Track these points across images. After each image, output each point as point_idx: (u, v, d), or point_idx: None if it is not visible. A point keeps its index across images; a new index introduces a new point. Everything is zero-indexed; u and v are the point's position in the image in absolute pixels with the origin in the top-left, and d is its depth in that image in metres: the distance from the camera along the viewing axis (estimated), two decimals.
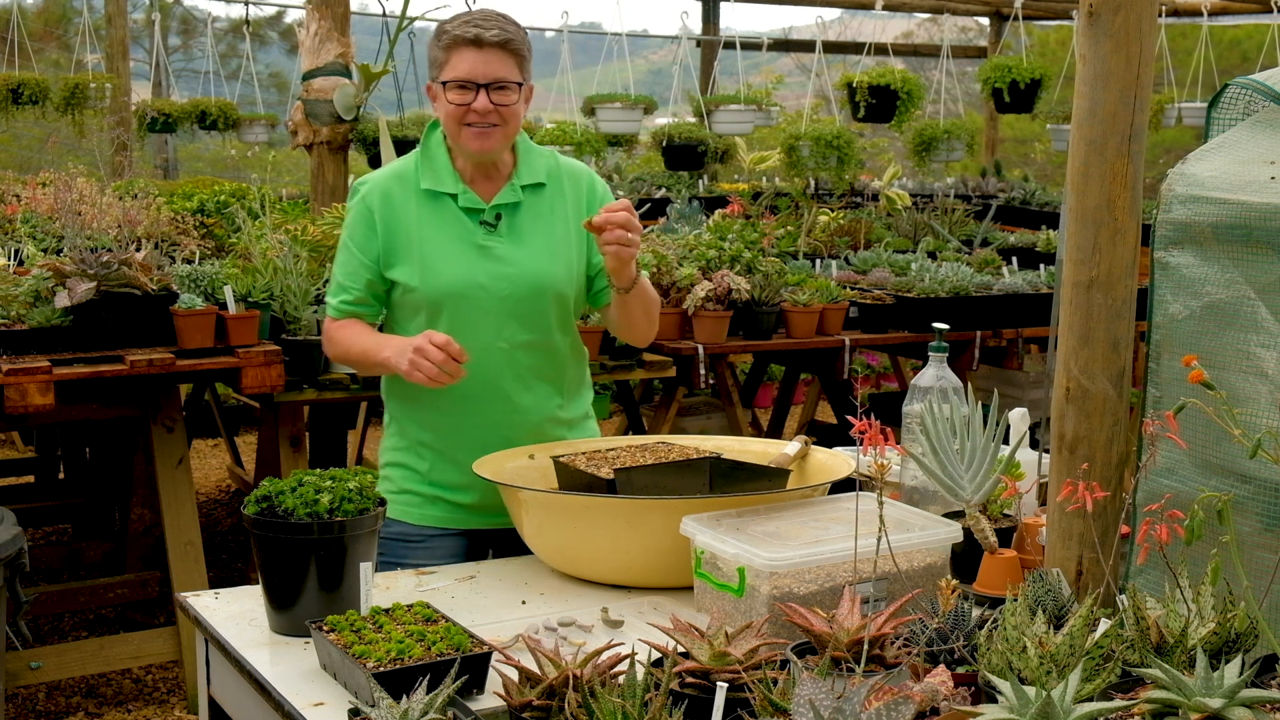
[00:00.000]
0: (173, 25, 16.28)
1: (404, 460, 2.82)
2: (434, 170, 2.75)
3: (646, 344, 2.96)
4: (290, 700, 1.94)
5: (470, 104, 2.64)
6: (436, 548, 2.78)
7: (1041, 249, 6.81)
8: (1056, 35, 14.19)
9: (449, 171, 2.74)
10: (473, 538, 2.80)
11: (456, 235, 2.72)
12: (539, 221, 2.76)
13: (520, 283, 2.72)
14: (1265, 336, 1.84)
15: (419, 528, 2.79)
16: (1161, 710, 1.53)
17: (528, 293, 2.72)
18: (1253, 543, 1.84)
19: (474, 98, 2.64)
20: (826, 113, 11.54)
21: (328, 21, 5.36)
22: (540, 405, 2.78)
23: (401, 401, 2.82)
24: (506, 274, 2.71)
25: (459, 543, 2.80)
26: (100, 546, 5.38)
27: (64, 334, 4.01)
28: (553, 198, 2.79)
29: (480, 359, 2.69)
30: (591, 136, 7.56)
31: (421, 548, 2.78)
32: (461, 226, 2.72)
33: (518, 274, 2.72)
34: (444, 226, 2.72)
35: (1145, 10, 1.95)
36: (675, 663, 1.75)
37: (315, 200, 5.53)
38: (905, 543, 2.21)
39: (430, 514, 2.80)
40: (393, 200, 2.73)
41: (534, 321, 2.74)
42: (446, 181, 2.74)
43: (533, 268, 2.73)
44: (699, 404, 6.21)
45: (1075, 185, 2.01)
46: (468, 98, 2.64)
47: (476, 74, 2.64)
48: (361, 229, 2.75)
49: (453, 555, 2.77)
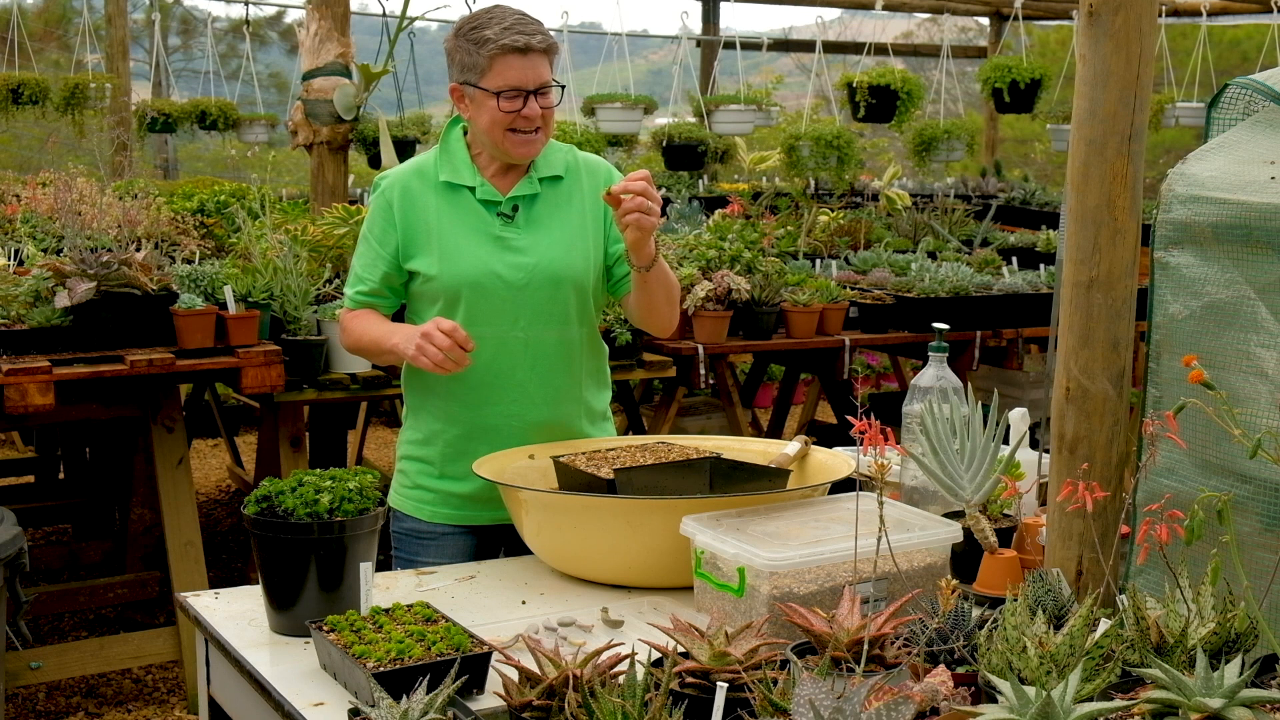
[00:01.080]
0: (173, 25, 16.28)
1: (419, 454, 2.84)
2: (452, 164, 2.79)
3: (669, 332, 2.94)
4: (290, 700, 1.94)
5: (520, 110, 2.67)
6: (447, 545, 2.80)
7: (1041, 249, 6.81)
8: (1056, 35, 14.19)
9: (467, 165, 2.79)
10: (483, 535, 2.81)
11: (474, 226, 2.75)
12: (556, 213, 2.79)
13: (537, 272, 2.74)
14: (1265, 336, 1.84)
15: (431, 524, 2.82)
16: (1161, 710, 1.53)
17: (545, 282, 2.75)
18: (1253, 543, 1.84)
19: (523, 104, 2.67)
20: (826, 113, 11.54)
21: (328, 21, 5.36)
22: (556, 398, 2.79)
23: (418, 392, 2.85)
24: (523, 264, 2.74)
25: (469, 541, 2.81)
26: (100, 546, 5.38)
27: (64, 334, 4.01)
28: (570, 190, 2.82)
29: (496, 349, 2.73)
30: (591, 136, 7.54)
31: (433, 544, 2.80)
32: (479, 218, 2.76)
33: (534, 264, 2.74)
34: (462, 218, 2.76)
35: (1145, 10, 1.95)
36: (675, 663, 1.75)
37: (315, 200, 5.52)
38: (905, 543, 2.21)
39: (443, 512, 2.82)
40: (412, 193, 2.77)
41: (551, 312, 2.76)
42: (465, 174, 2.78)
43: (550, 258, 2.75)
44: (699, 404, 6.21)
45: (1075, 185, 2.01)
46: (517, 105, 2.68)
47: (526, 81, 2.67)
48: (380, 222, 2.79)
49: (463, 553, 2.79)
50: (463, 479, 2.76)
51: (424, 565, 2.67)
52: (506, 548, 2.75)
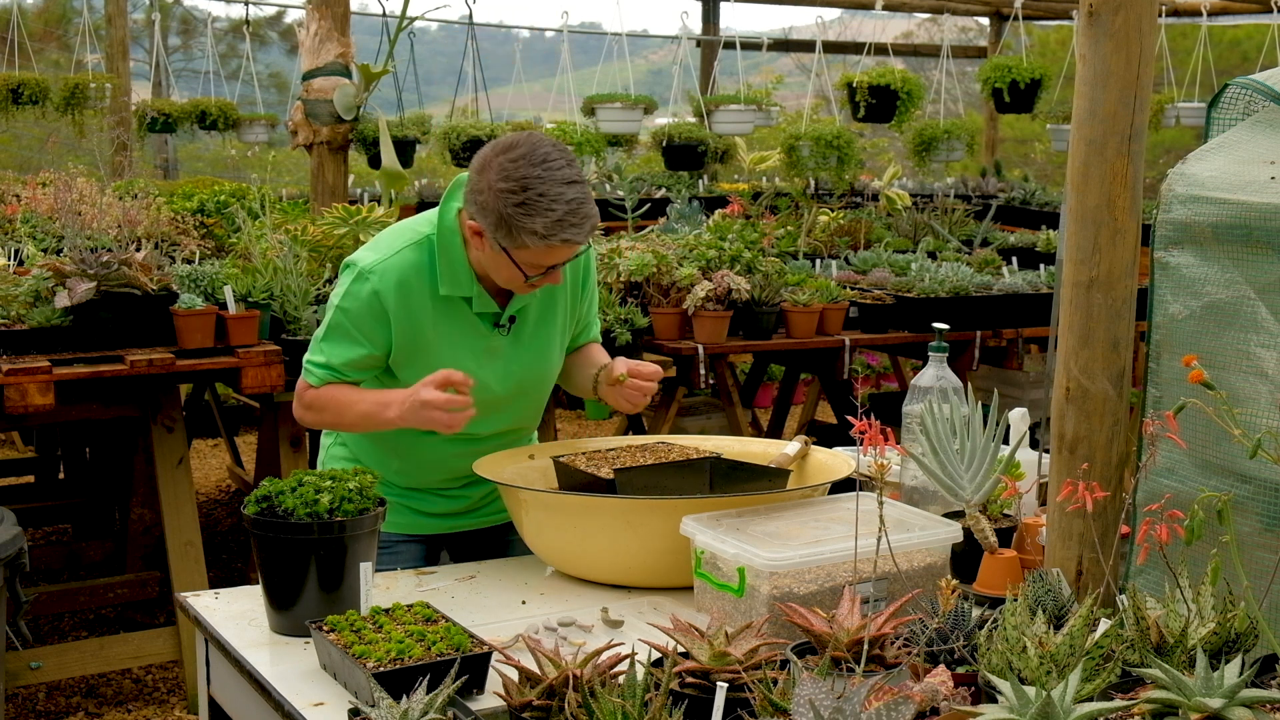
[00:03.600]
0: (173, 25, 16.29)
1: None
2: (453, 273, 2.63)
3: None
4: (290, 700, 1.94)
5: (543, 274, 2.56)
6: (401, 553, 2.77)
7: (1041, 249, 6.81)
8: (1056, 35, 14.20)
9: (466, 273, 2.64)
10: (430, 542, 2.83)
11: (469, 339, 2.67)
12: (544, 320, 2.75)
13: (524, 379, 2.74)
14: (1265, 336, 1.84)
15: (384, 534, 2.77)
16: (1161, 710, 1.53)
17: (532, 389, 2.78)
18: (1253, 543, 1.84)
19: (546, 271, 2.56)
20: (826, 113, 11.55)
21: (328, 21, 5.36)
22: (502, 438, 2.80)
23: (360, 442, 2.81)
24: (513, 374, 2.72)
25: (418, 549, 2.82)
26: (100, 546, 5.38)
27: (64, 334, 4.01)
28: (555, 289, 2.73)
29: (470, 441, 2.71)
30: (591, 136, 7.54)
31: (384, 554, 2.69)
32: (474, 330, 2.68)
33: (522, 372, 2.73)
34: (459, 330, 2.67)
35: (1145, 10, 1.95)
36: (675, 663, 1.75)
37: (315, 200, 5.53)
38: (905, 543, 2.21)
39: (396, 520, 2.75)
40: (409, 298, 2.61)
41: (531, 412, 2.83)
42: (463, 285, 2.64)
43: (537, 367, 2.76)
44: (699, 404, 6.20)
45: (1075, 185, 2.01)
46: (543, 273, 2.56)
47: (561, 259, 2.54)
48: (370, 321, 2.61)
49: (413, 560, 2.77)
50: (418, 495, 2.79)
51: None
52: (450, 553, 2.80)
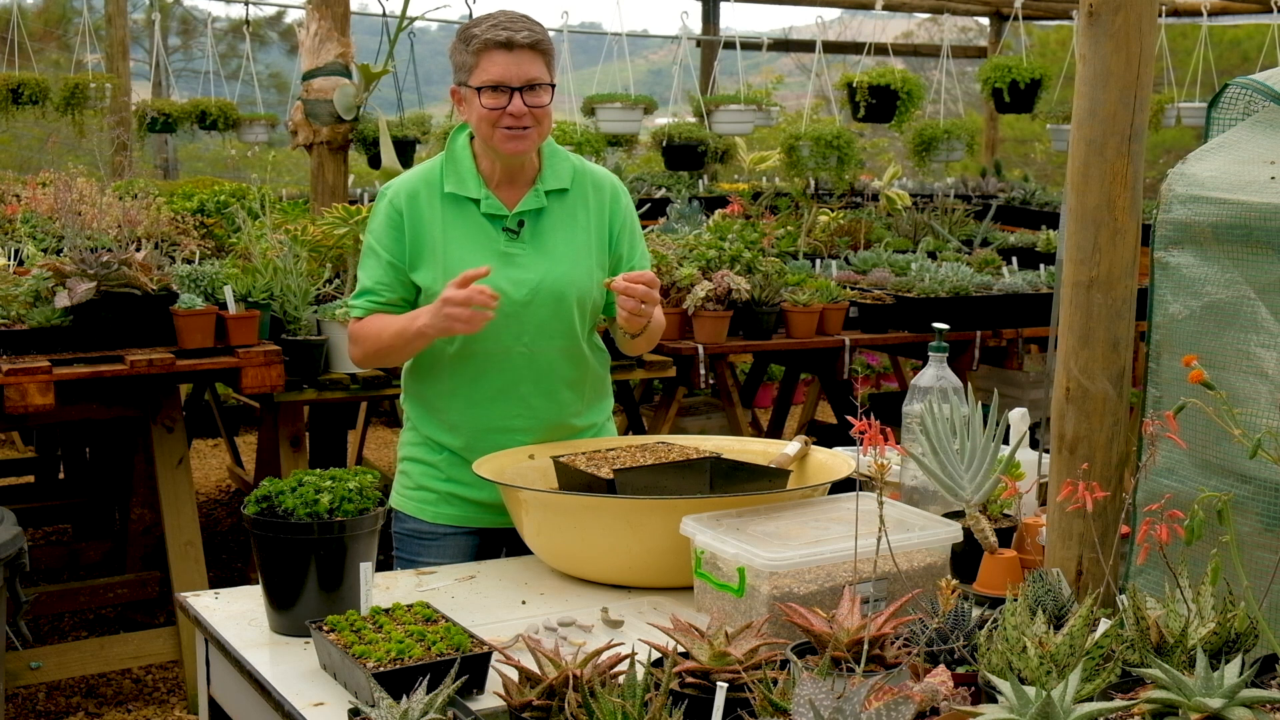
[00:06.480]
0: (173, 25, 16.28)
1: (421, 456, 2.84)
2: (458, 174, 2.75)
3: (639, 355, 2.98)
4: (290, 700, 1.94)
5: (505, 107, 2.64)
6: (449, 545, 2.80)
7: (1041, 249, 6.81)
8: (1056, 35, 14.19)
9: (473, 175, 2.75)
10: (485, 536, 2.81)
11: (479, 242, 2.73)
12: (562, 228, 2.77)
13: (542, 290, 2.73)
14: (1265, 336, 1.84)
15: (433, 525, 2.81)
16: (1161, 710, 1.53)
17: (549, 299, 2.74)
18: (1253, 543, 1.84)
19: (509, 101, 2.64)
20: (826, 113, 11.54)
21: (328, 21, 5.35)
22: (557, 410, 2.79)
23: (419, 405, 2.84)
24: (527, 280, 2.72)
25: (471, 541, 2.81)
26: (100, 546, 5.38)
27: (64, 334, 4.01)
28: (575, 204, 2.79)
29: (499, 362, 2.72)
30: (591, 136, 7.54)
31: (434, 545, 2.80)
32: (484, 233, 2.73)
33: (540, 281, 2.73)
34: (467, 232, 2.73)
35: (1145, 10, 1.95)
36: (675, 663, 1.75)
37: (315, 200, 5.52)
38: (905, 543, 2.21)
39: (445, 512, 2.81)
40: (419, 203, 2.74)
41: (555, 328, 2.75)
42: (470, 186, 2.74)
43: (554, 275, 2.74)
44: (699, 404, 6.20)
45: (1075, 185, 2.01)
46: (502, 101, 2.64)
47: (510, 77, 2.64)
48: (389, 232, 2.75)
49: (465, 553, 2.79)
50: (469, 484, 2.76)
51: (425, 566, 2.67)
52: (508, 548, 2.75)
